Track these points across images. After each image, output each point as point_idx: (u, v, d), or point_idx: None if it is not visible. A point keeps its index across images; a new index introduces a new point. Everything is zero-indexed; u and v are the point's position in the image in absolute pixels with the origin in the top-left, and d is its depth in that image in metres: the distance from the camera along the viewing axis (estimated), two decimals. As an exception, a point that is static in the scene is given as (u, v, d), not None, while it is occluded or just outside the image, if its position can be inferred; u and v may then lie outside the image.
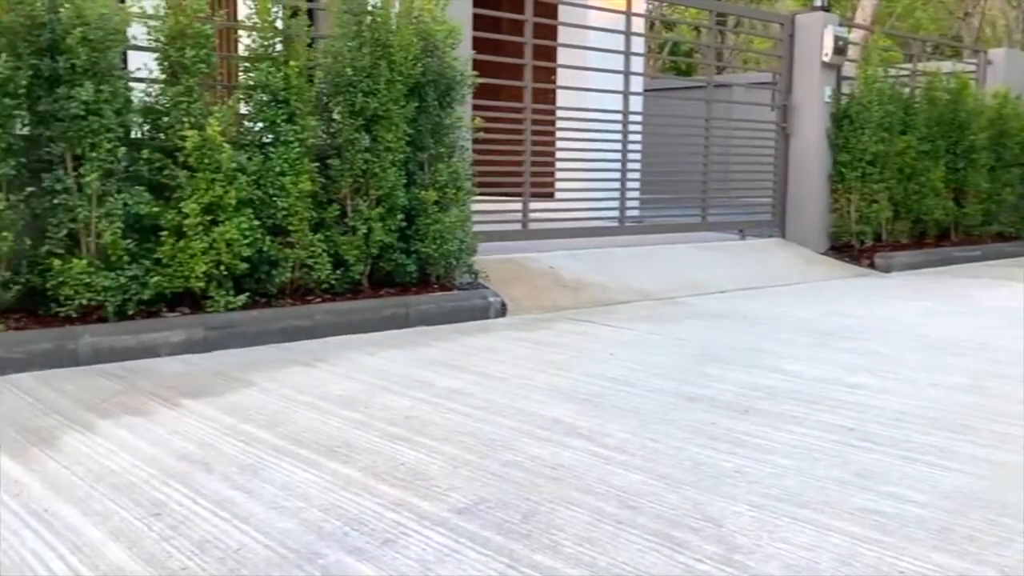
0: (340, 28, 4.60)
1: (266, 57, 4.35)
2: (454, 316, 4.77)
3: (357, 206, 4.64)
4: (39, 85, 3.69)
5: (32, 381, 3.33)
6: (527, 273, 5.79)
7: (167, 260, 3.96)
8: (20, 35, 3.61)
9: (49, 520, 2.02)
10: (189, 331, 3.89)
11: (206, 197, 3.99)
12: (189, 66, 4.03)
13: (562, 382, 3.42)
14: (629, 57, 6.80)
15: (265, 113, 4.31)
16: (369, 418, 2.89)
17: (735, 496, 2.22)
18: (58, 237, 3.74)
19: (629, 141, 6.84)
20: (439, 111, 4.94)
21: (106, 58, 3.73)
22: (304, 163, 4.35)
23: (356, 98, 4.53)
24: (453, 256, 4.96)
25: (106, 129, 3.75)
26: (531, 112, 6.17)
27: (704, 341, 4.31)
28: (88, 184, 3.72)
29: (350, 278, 4.64)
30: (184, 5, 4.04)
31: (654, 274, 6.27)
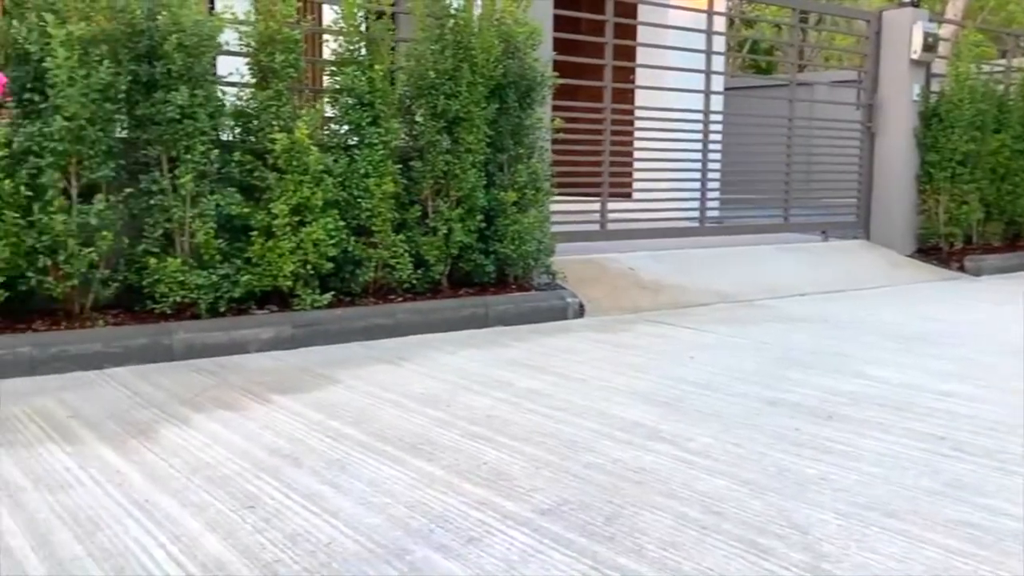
0: (423, 31, 4.67)
1: (351, 61, 4.44)
2: (532, 317, 4.79)
3: (438, 207, 4.71)
4: (137, 90, 3.83)
5: (129, 375, 3.47)
6: (606, 274, 5.78)
7: (257, 259, 4.07)
8: (121, 42, 3.76)
9: (150, 510, 2.11)
10: (277, 328, 4.00)
11: (294, 198, 4.09)
12: (278, 71, 4.14)
13: (642, 385, 3.41)
14: (710, 56, 6.72)
15: (351, 116, 4.40)
16: (451, 417, 2.93)
17: (821, 504, 2.19)
18: (154, 236, 3.88)
19: (710, 141, 6.77)
20: (519, 112, 4.97)
21: (200, 63, 3.86)
22: (388, 165, 4.43)
23: (438, 101, 4.59)
24: (531, 257, 4.98)
25: (200, 132, 3.88)
26: (611, 112, 6.16)
27: (786, 345, 4.24)
28: (183, 185, 3.85)
29: (430, 278, 4.71)
30: (274, 11, 4.15)
31: (734, 276, 6.19)
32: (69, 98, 3.53)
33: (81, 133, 3.60)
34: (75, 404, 3.02)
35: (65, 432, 2.70)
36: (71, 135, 3.58)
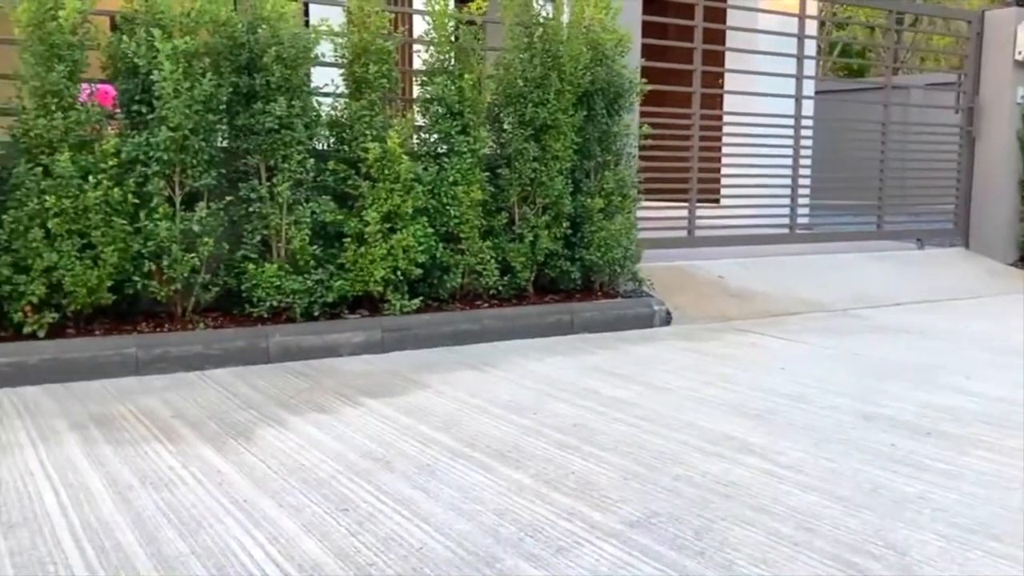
0: (512, 40, 4.71)
1: (442, 71, 4.51)
2: (617, 324, 4.78)
3: (524, 214, 4.74)
4: (237, 101, 3.97)
5: (228, 376, 3.59)
6: (693, 281, 5.73)
7: (349, 265, 4.17)
8: (223, 55, 3.90)
9: (249, 510, 2.19)
10: (368, 333, 4.09)
11: (385, 206, 4.18)
12: (372, 81, 4.24)
13: (731, 396, 3.37)
14: (802, 61, 6.60)
15: (440, 125, 4.46)
16: (538, 424, 2.95)
17: (919, 524, 2.14)
18: (252, 243, 4.01)
19: (801, 147, 6.64)
20: (607, 119, 4.97)
21: (297, 75, 3.98)
22: (476, 173, 4.48)
23: (526, 109, 4.62)
24: (617, 264, 4.97)
25: (297, 142, 4.00)
26: (699, 118, 6.10)
27: (880, 356, 4.14)
28: (280, 193, 3.97)
29: (516, 284, 4.74)
30: (368, 23, 4.24)
31: (825, 285, 6.06)
32: (174, 109, 3.67)
33: (185, 143, 3.75)
34: (178, 404, 3.15)
35: (169, 432, 2.81)
36: (175, 145, 3.73)
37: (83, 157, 3.60)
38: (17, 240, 3.51)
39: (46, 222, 3.52)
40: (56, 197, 3.50)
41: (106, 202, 3.60)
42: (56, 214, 3.51)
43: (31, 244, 3.50)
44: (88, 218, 3.57)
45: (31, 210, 3.50)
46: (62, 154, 3.51)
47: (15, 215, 3.50)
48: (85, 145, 3.65)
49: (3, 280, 3.48)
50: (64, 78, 3.57)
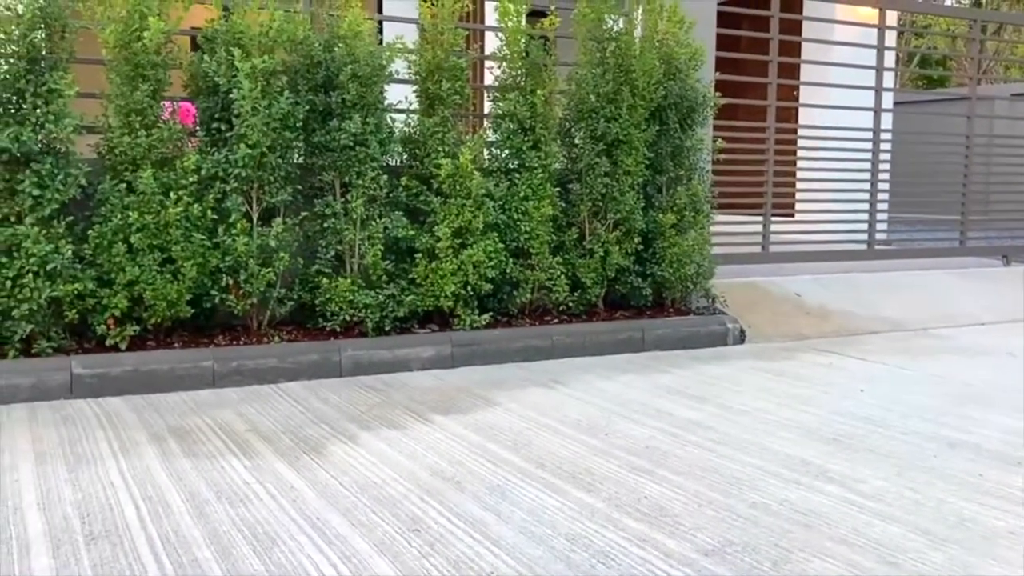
0: (584, 55, 4.70)
1: (514, 87, 4.51)
2: (690, 342, 4.71)
3: (595, 229, 4.71)
4: (314, 118, 4.03)
5: (302, 390, 3.64)
6: (767, 299, 5.62)
7: (420, 280, 4.19)
8: (300, 73, 3.98)
9: (322, 528, 2.20)
10: (438, 348, 4.11)
11: (457, 221, 4.19)
12: (445, 98, 4.26)
13: (808, 419, 3.28)
14: (881, 73, 6.43)
15: (512, 141, 4.46)
16: (608, 446, 2.91)
17: (1011, 560, 2.04)
18: (326, 258, 4.06)
19: (880, 160, 6.47)
20: (680, 133, 4.92)
21: (372, 92, 4.02)
22: (547, 188, 4.47)
23: (598, 124, 4.60)
24: (690, 280, 4.90)
25: (371, 159, 4.04)
26: (774, 132, 5.99)
27: (963, 379, 3.99)
28: (354, 209, 4.02)
29: (586, 300, 4.71)
30: (441, 40, 4.27)
31: (905, 303, 5.88)
32: (252, 127, 3.75)
33: (263, 160, 3.82)
34: (253, 418, 3.19)
35: (244, 446, 2.85)
36: (253, 162, 3.80)
37: (165, 174, 3.70)
38: (101, 255, 3.62)
39: (129, 237, 3.62)
40: (139, 213, 3.60)
41: (186, 217, 3.69)
42: (138, 229, 3.61)
43: (114, 259, 3.60)
44: (169, 233, 3.66)
45: (115, 225, 3.61)
46: (145, 171, 3.61)
47: (99, 230, 3.61)
48: (167, 162, 3.74)
49: (88, 294, 3.59)
50: (148, 97, 3.68)
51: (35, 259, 3.44)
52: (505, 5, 4.46)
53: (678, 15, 4.88)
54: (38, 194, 3.47)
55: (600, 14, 4.64)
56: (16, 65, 3.46)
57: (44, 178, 3.48)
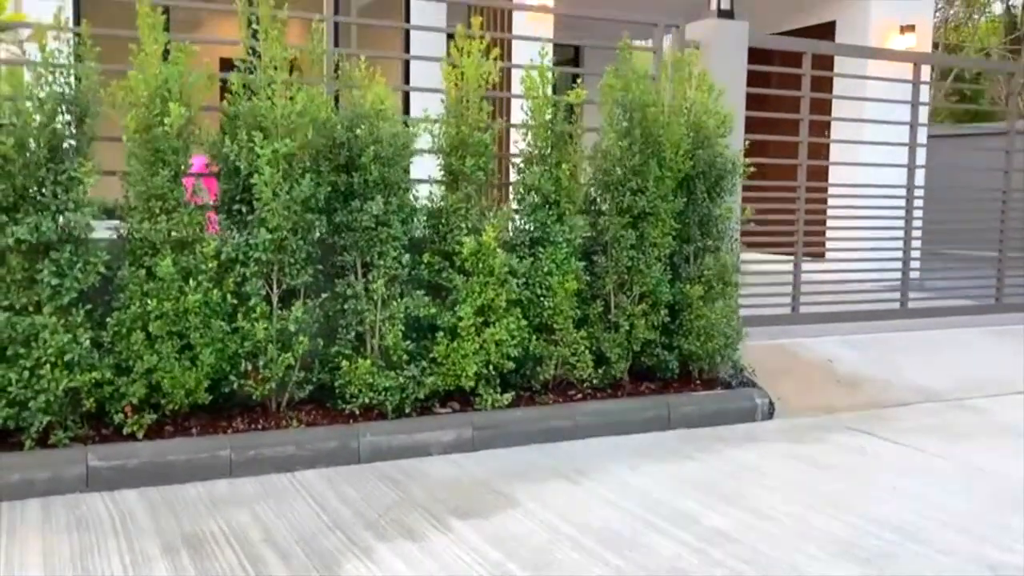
0: (610, 123, 4.61)
1: (539, 159, 4.43)
2: (717, 418, 4.60)
3: (620, 302, 4.61)
4: (335, 198, 3.98)
5: (319, 481, 3.57)
6: (797, 364, 5.49)
7: (441, 359, 4.12)
8: (322, 154, 3.93)
9: None
10: (458, 431, 4.03)
11: (479, 300, 4.12)
12: (468, 174, 4.20)
13: (840, 528, 3.16)
14: (916, 129, 6.29)
15: (536, 215, 4.39)
16: (634, 567, 2.81)
17: None
18: (347, 338, 4.00)
19: (913, 218, 6.33)
20: (708, 202, 4.82)
21: (395, 173, 3.96)
22: (571, 263, 4.38)
23: (624, 197, 4.51)
24: (718, 352, 4.79)
25: (392, 238, 3.98)
26: (805, 191, 5.87)
27: (1004, 472, 3.84)
28: (375, 290, 3.96)
29: (611, 375, 4.61)
30: (465, 115, 4.21)
31: (939, 367, 5.72)
32: (273, 211, 3.70)
33: (283, 243, 3.78)
34: (268, 522, 3.12)
35: (257, 563, 2.78)
36: (274, 245, 3.75)
37: (185, 258, 3.66)
38: (120, 342, 3.58)
39: (147, 325, 3.58)
40: (158, 300, 3.56)
41: (205, 303, 3.64)
42: (157, 316, 3.57)
43: (133, 346, 3.56)
44: (188, 320, 3.61)
45: (134, 313, 3.57)
46: (164, 258, 3.57)
47: (119, 317, 3.58)
48: (186, 245, 3.70)
49: (105, 382, 3.55)
50: (168, 181, 3.64)
51: (53, 349, 3.41)
52: (531, 77, 4.39)
53: (707, 82, 4.80)
54: (57, 283, 3.44)
55: (628, 84, 4.55)
56: (37, 153, 3.43)
57: (63, 267, 3.45)
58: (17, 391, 3.40)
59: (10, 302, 3.43)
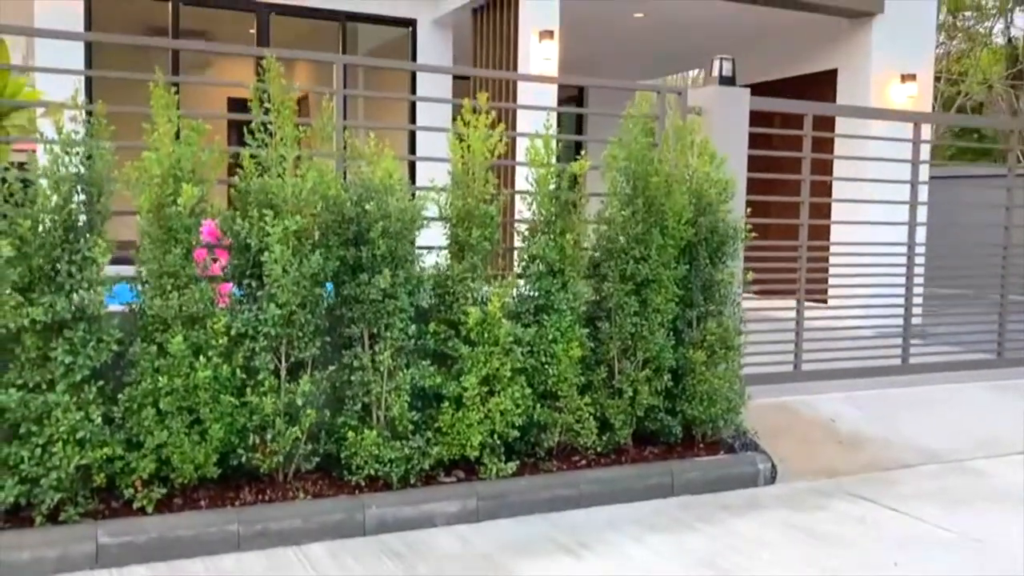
0: (613, 193, 4.68)
1: (543, 229, 4.50)
2: (720, 484, 4.63)
3: (624, 368, 4.67)
4: (344, 271, 4.05)
5: (325, 555, 3.61)
6: (799, 423, 5.53)
7: (446, 429, 4.17)
8: (331, 229, 4.00)
9: None
10: (463, 501, 4.07)
11: (484, 370, 4.17)
12: (474, 245, 4.26)
13: (841, 612, 3.20)
14: (916, 187, 6.36)
15: (541, 283, 4.45)
16: (636, 654, 2.85)
17: None
18: (353, 410, 4.05)
19: (915, 274, 6.38)
20: (710, 268, 4.89)
21: (403, 247, 4.03)
22: (575, 330, 4.44)
23: (628, 265, 4.57)
24: (721, 417, 4.84)
25: (399, 310, 4.04)
26: (807, 250, 5.94)
27: (1007, 546, 3.87)
28: (381, 361, 4.01)
29: (614, 441, 4.65)
30: (472, 188, 4.29)
31: (940, 426, 5.76)
32: (283, 287, 3.77)
33: (292, 317, 3.84)
34: (275, 604, 3.17)
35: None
36: (283, 320, 3.82)
37: (195, 333, 3.72)
38: (131, 418, 3.64)
39: (158, 401, 3.63)
40: (169, 376, 3.62)
41: (215, 378, 3.70)
42: (168, 392, 3.63)
43: (143, 422, 3.62)
44: (198, 395, 3.67)
45: (145, 389, 3.62)
46: (176, 334, 3.63)
47: (130, 393, 3.63)
48: (197, 321, 3.76)
49: (116, 457, 3.60)
50: (180, 258, 3.71)
51: (65, 427, 3.46)
52: (535, 148, 4.47)
53: (709, 150, 4.87)
54: (70, 361, 3.50)
55: (631, 153, 4.63)
56: (53, 234, 3.51)
57: (76, 345, 3.51)
58: (29, 468, 3.45)
59: (24, 380, 3.49)
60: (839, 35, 9.56)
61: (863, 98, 9.27)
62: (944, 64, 22.64)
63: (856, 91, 9.34)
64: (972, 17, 23.43)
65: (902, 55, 9.26)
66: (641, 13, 9.56)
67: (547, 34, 7.71)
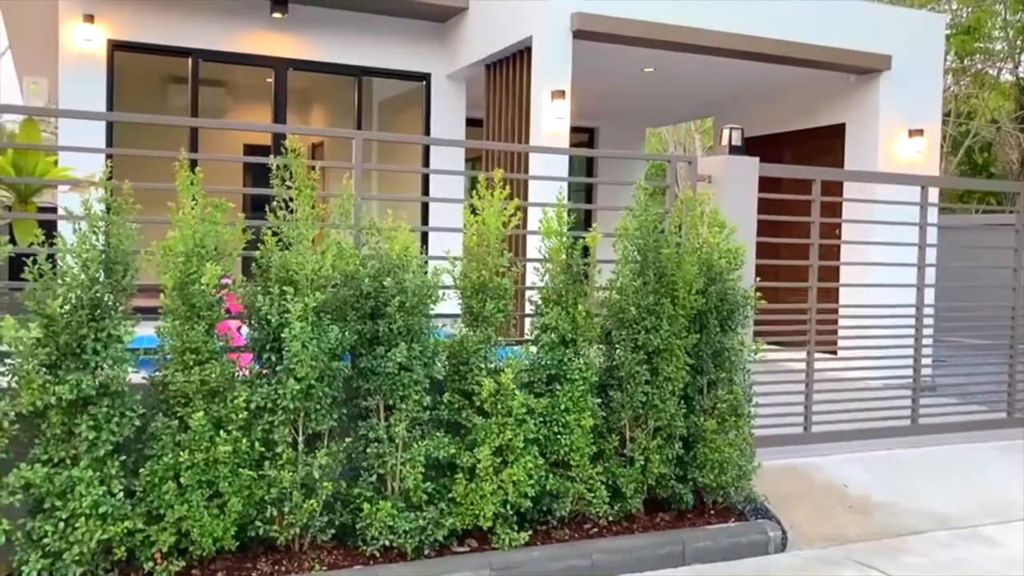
0: (624, 263, 4.77)
1: (556, 300, 4.58)
2: (731, 552, 4.66)
3: (636, 436, 4.72)
4: (361, 344, 4.13)
5: (340, 630, 3.66)
6: (810, 488, 5.56)
7: (460, 499, 4.22)
8: (350, 303, 4.09)
9: None
10: (476, 572, 4.11)
11: (498, 440, 4.24)
12: (488, 316, 4.35)
13: None
14: (924, 250, 6.43)
15: (553, 353, 4.52)
16: None
17: None
18: (368, 481, 4.12)
19: (923, 335, 6.44)
20: (720, 336, 4.95)
21: (418, 320, 4.12)
22: (587, 400, 4.50)
23: (639, 335, 4.65)
24: (732, 485, 4.88)
25: (415, 382, 4.12)
26: (816, 312, 6.00)
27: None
28: (396, 433, 4.08)
29: (626, 509, 4.69)
30: (486, 261, 4.38)
31: (950, 489, 5.77)
32: (302, 362, 3.85)
33: (310, 390, 3.92)
34: None
35: None
36: (301, 393, 3.89)
37: (216, 408, 3.80)
38: (152, 492, 3.71)
39: (179, 475, 3.71)
40: (190, 451, 3.70)
41: (235, 452, 3.77)
42: (188, 467, 3.70)
43: (164, 496, 3.69)
44: (217, 469, 3.74)
45: (166, 463, 3.70)
46: (197, 410, 3.72)
47: (151, 468, 3.71)
48: (217, 394, 3.85)
49: (136, 531, 3.67)
50: (203, 334, 3.80)
51: (88, 502, 3.54)
52: (548, 220, 4.57)
53: (719, 220, 4.96)
54: (94, 436, 3.58)
55: (642, 224, 4.73)
56: (80, 312, 3.60)
57: (100, 421, 3.60)
58: (53, 542, 3.52)
59: (49, 456, 3.58)
60: (847, 90, 9.69)
61: (871, 153, 9.37)
62: (952, 105, 22.77)
63: (864, 145, 9.45)
64: (980, 60, 23.58)
65: (909, 111, 9.38)
66: (651, 68, 9.70)
67: (559, 94, 7.85)
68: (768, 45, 8.69)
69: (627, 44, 8.37)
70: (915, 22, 9.90)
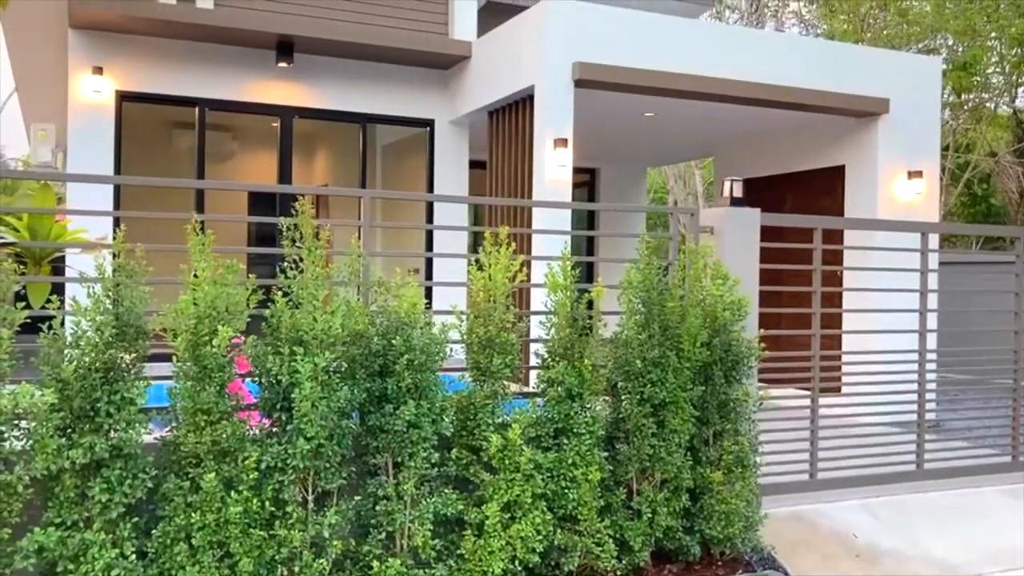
0: (629, 315, 4.82)
1: (562, 355, 4.63)
2: (739, 606, 4.68)
3: (642, 489, 4.75)
4: (369, 402, 4.18)
5: None
6: (816, 537, 5.57)
7: (468, 555, 4.24)
8: (359, 362, 4.14)
9: None
10: (485, 630, 4.12)
11: (505, 496, 4.26)
12: (495, 372, 4.40)
13: None
14: (926, 296, 6.49)
15: (560, 407, 4.56)
16: None
17: None
18: (378, 539, 4.14)
19: (926, 381, 6.47)
20: (725, 387, 5.00)
21: (426, 377, 4.16)
22: (594, 454, 4.53)
23: (645, 388, 4.69)
24: (739, 536, 4.90)
25: (423, 439, 4.15)
26: (819, 359, 6.04)
27: None
28: (406, 490, 4.11)
29: (634, 563, 4.71)
30: (492, 317, 4.44)
31: (956, 536, 5.77)
32: (311, 421, 3.89)
33: (320, 449, 3.95)
34: None
35: None
36: (311, 452, 3.93)
37: (227, 467, 3.83)
38: (163, 553, 3.73)
39: (191, 536, 3.74)
40: (201, 512, 3.73)
41: (245, 512, 3.80)
42: (200, 528, 3.73)
43: (175, 557, 3.71)
44: (228, 530, 3.77)
45: (177, 524, 3.73)
46: (209, 471, 3.75)
47: (163, 529, 3.74)
48: (228, 454, 3.88)
49: (153, 591, 3.69)
50: (214, 395, 3.85)
51: (101, 565, 3.56)
52: (554, 278, 4.63)
53: (722, 272, 5.02)
54: (107, 499, 3.62)
55: (646, 278, 4.79)
56: (94, 376, 3.66)
57: (113, 483, 3.64)
58: (65, 606, 3.55)
59: (62, 519, 3.61)
60: (846, 133, 9.81)
61: (871, 194, 9.47)
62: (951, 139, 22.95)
63: (864, 187, 9.55)
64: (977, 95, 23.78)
65: (908, 153, 9.48)
66: (652, 112, 9.83)
67: (561, 142, 7.96)
68: (768, 91, 8.82)
69: (628, 92, 8.50)
70: (912, 65, 10.04)
